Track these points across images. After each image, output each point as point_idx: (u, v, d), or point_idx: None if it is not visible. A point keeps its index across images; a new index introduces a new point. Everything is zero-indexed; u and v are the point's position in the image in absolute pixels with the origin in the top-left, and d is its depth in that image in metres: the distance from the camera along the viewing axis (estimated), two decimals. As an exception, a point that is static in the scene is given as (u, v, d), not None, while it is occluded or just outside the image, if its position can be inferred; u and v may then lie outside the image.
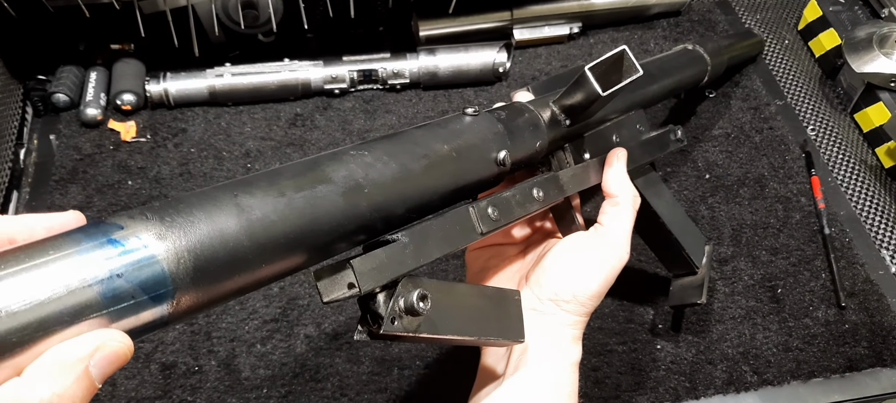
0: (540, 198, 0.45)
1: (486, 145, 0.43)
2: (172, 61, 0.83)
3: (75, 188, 0.75)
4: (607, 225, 0.47)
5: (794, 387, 0.63)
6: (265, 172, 0.34)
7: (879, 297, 0.69)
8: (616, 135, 0.56)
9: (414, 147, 0.39)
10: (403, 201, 0.38)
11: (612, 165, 0.50)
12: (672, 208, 0.60)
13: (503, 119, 0.45)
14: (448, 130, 0.42)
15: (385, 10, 0.90)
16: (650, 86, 0.61)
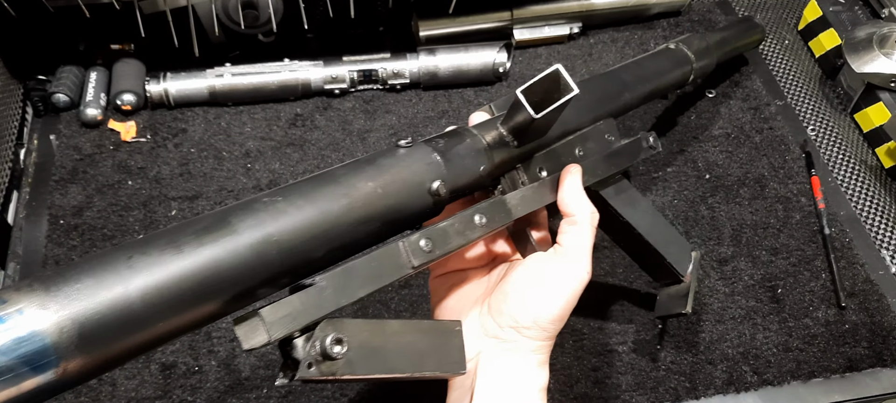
0: (482, 224, 0.44)
1: (419, 177, 0.42)
2: (172, 61, 0.83)
3: (75, 188, 0.75)
4: (566, 245, 0.46)
5: (795, 387, 0.63)
6: (170, 228, 0.35)
7: (879, 297, 0.69)
8: (580, 148, 0.54)
9: (334, 187, 0.39)
10: (323, 243, 0.37)
11: (565, 183, 0.48)
12: (648, 217, 0.59)
13: (440, 147, 0.44)
14: (375, 166, 0.41)
15: (385, 11, 0.91)
16: (622, 95, 0.59)
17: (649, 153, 0.59)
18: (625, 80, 0.60)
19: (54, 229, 0.72)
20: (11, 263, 0.70)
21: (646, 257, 0.62)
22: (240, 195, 0.76)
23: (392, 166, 0.42)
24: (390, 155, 0.43)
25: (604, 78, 0.59)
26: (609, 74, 0.60)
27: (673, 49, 0.71)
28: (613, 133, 0.57)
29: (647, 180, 0.78)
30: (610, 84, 0.59)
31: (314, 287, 0.37)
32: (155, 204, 0.74)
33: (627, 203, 0.57)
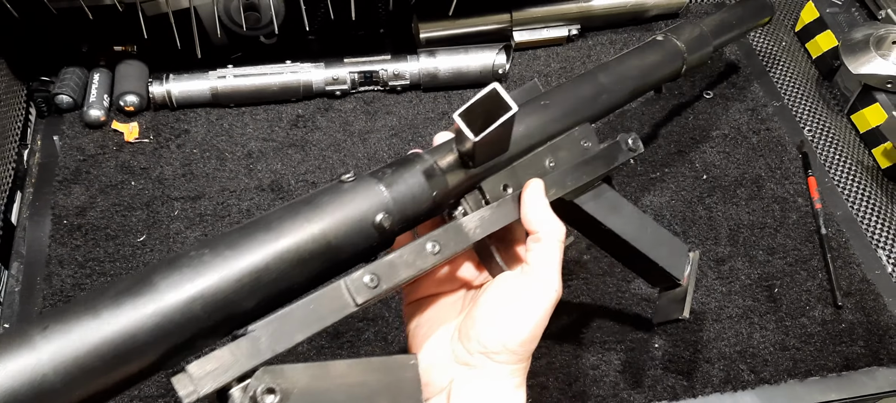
0: (435, 252, 0.42)
1: (362, 211, 0.41)
2: (175, 63, 0.83)
3: (78, 188, 0.76)
4: (532, 263, 0.44)
5: (791, 386, 0.64)
6: (93, 291, 0.35)
7: (876, 297, 0.70)
8: (551, 158, 0.52)
9: (264, 234, 0.38)
10: (253, 293, 0.37)
11: (525, 199, 0.47)
12: (634, 222, 0.56)
13: (386, 177, 0.43)
14: (312, 205, 0.40)
15: (386, 12, 0.91)
16: (599, 98, 0.57)
17: (629, 156, 0.56)
18: (602, 82, 0.58)
19: (58, 229, 0.72)
20: (15, 263, 0.71)
21: (638, 263, 0.59)
22: (242, 195, 0.76)
23: (331, 203, 0.41)
24: (331, 192, 0.42)
25: (578, 82, 0.57)
26: (585, 77, 0.58)
27: (661, 41, 0.67)
28: (590, 138, 0.55)
29: (645, 180, 0.79)
30: (585, 87, 0.56)
31: (248, 336, 0.36)
32: (158, 204, 0.75)
33: (609, 210, 0.55)
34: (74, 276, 0.69)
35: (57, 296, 0.67)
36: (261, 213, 0.47)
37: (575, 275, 0.70)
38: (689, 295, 0.58)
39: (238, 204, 0.75)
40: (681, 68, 0.68)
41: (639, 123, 0.84)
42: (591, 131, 0.55)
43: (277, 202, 0.76)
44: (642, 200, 0.77)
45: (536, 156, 0.51)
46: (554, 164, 0.52)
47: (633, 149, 0.56)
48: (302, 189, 0.77)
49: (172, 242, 0.72)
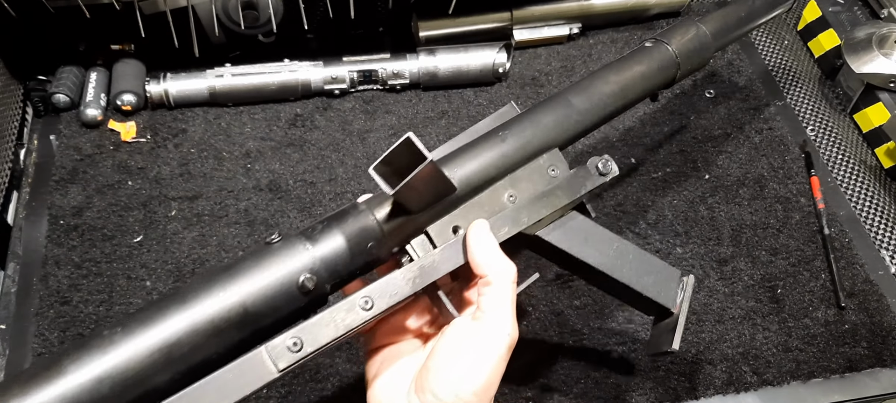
0: (368, 307, 0.41)
1: (285, 274, 0.41)
2: (172, 62, 0.83)
3: (75, 188, 0.75)
4: (483, 308, 0.43)
5: (794, 387, 0.64)
6: (5, 380, 0.35)
7: (879, 297, 0.69)
8: (511, 192, 0.49)
9: (177, 306, 0.38)
10: (166, 368, 0.37)
11: (469, 243, 0.44)
12: (612, 250, 0.52)
13: (315, 234, 0.42)
14: (231, 273, 0.40)
15: (385, 11, 0.91)
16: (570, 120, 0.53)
17: (600, 181, 0.51)
18: (573, 104, 0.54)
19: (54, 229, 0.72)
20: (11, 263, 0.71)
21: (623, 294, 0.55)
22: (240, 195, 0.76)
23: (251, 269, 0.40)
24: (252, 256, 0.41)
25: (547, 105, 0.54)
26: (555, 99, 0.54)
27: (650, 47, 0.61)
28: (558, 165, 0.51)
29: (646, 180, 0.78)
30: (554, 111, 0.53)
31: None
32: (155, 204, 0.74)
33: (580, 240, 0.51)
34: (71, 277, 0.68)
35: (53, 297, 0.67)
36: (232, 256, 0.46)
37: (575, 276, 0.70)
38: (679, 326, 0.53)
39: (236, 204, 0.75)
40: (674, 76, 0.62)
41: (639, 123, 0.84)
42: (560, 158, 0.52)
43: (276, 202, 0.75)
44: (644, 200, 0.76)
45: (494, 192, 0.49)
46: (514, 198, 0.49)
47: (604, 173, 0.52)
48: (300, 189, 0.77)
49: (169, 242, 0.71)
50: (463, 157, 0.48)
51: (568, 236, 0.51)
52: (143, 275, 0.69)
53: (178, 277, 0.69)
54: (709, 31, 0.64)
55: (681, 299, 0.54)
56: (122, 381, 0.36)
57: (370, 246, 0.44)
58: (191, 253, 0.71)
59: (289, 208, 0.75)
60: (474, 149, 0.49)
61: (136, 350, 0.36)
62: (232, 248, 0.71)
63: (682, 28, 0.63)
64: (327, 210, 0.75)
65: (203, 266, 0.70)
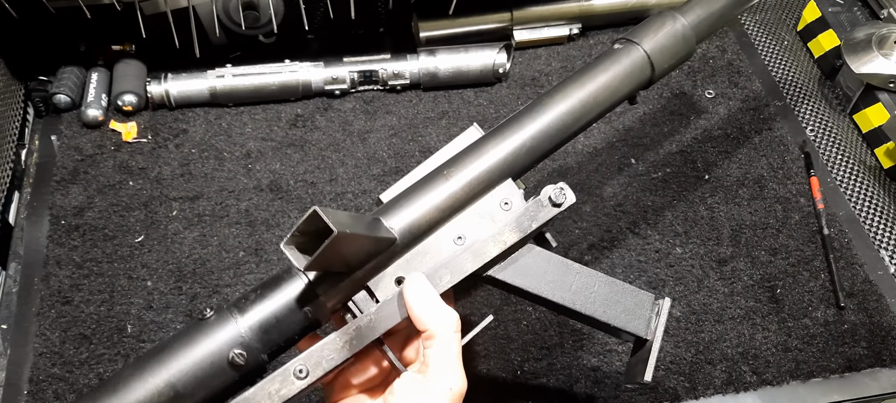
0: (303, 375, 0.41)
1: (213, 352, 0.41)
2: (173, 62, 0.83)
3: (76, 188, 0.75)
4: (428, 363, 0.42)
5: (794, 387, 0.64)
6: None
7: (878, 297, 0.69)
8: (459, 234, 0.47)
9: (108, 398, 0.39)
10: None
11: (407, 299, 0.43)
12: (578, 282, 0.49)
13: (248, 305, 0.42)
14: (160, 357, 0.41)
15: (385, 12, 0.91)
16: (523, 147, 0.49)
17: (552, 213, 0.47)
18: (527, 128, 0.50)
19: (55, 229, 0.72)
20: (13, 263, 0.71)
21: (591, 324, 0.51)
22: (241, 195, 0.76)
23: (180, 350, 0.41)
24: (182, 337, 0.42)
25: (497, 134, 0.50)
26: (507, 125, 0.50)
27: (619, 50, 0.55)
28: (512, 197, 0.48)
29: (646, 181, 0.78)
30: (505, 139, 0.49)
31: None
32: (156, 204, 0.75)
33: (536, 275, 0.49)
34: (72, 277, 0.69)
35: (54, 297, 0.67)
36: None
37: None
38: (652, 356, 0.49)
39: (237, 204, 0.75)
40: (650, 76, 0.55)
41: (639, 123, 0.84)
42: (514, 189, 0.49)
43: (277, 202, 0.75)
44: (644, 200, 0.76)
45: (439, 237, 0.47)
46: (463, 239, 0.47)
47: (556, 203, 0.48)
48: (301, 189, 0.77)
49: (170, 242, 0.71)
50: (405, 203, 0.46)
51: (523, 272, 0.48)
52: (144, 275, 0.69)
53: (179, 277, 0.69)
54: (688, 21, 0.57)
55: (655, 325, 0.50)
56: None
57: (306, 310, 0.43)
58: (192, 253, 0.71)
59: (289, 208, 0.75)
60: (418, 192, 0.47)
61: None
62: (232, 248, 0.71)
63: (654, 23, 0.56)
64: (328, 210, 0.75)
65: (204, 266, 0.70)
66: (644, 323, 0.50)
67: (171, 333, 0.65)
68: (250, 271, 0.70)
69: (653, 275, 0.70)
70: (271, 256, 0.71)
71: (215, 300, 0.67)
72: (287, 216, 0.74)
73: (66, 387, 0.62)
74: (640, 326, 0.50)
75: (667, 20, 0.56)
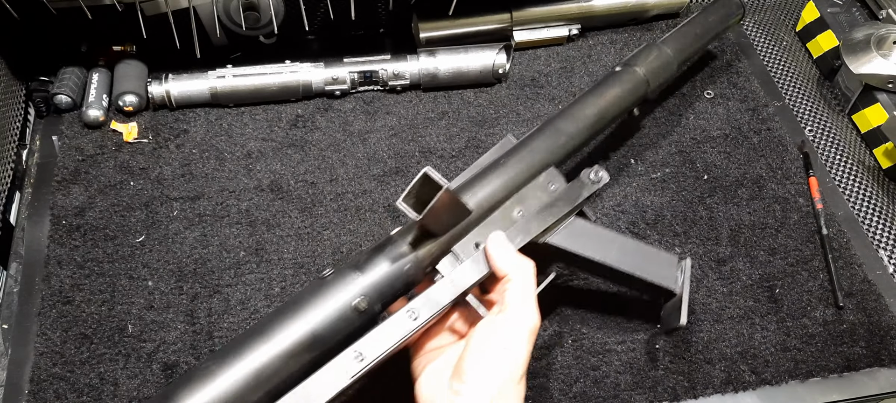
0: (414, 318, 0.49)
1: (341, 300, 0.49)
2: (174, 63, 0.83)
3: (77, 189, 0.76)
4: (507, 302, 0.50)
5: (793, 387, 0.64)
6: None
7: (877, 297, 0.69)
8: (519, 208, 0.58)
9: (260, 339, 0.47)
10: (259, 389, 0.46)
11: (490, 252, 0.52)
12: (615, 245, 0.61)
13: (361, 263, 0.51)
14: (297, 307, 0.48)
15: (385, 12, 0.91)
16: (559, 142, 0.62)
17: (594, 188, 0.60)
18: (561, 128, 0.64)
19: (56, 229, 0.72)
20: (14, 263, 0.71)
21: (627, 283, 0.63)
22: (241, 195, 0.76)
23: (313, 301, 0.49)
24: (312, 290, 0.50)
25: (540, 133, 0.63)
26: (546, 127, 0.64)
27: (620, 72, 0.71)
28: (556, 181, 0.60)
29: (645, 181, 0.79)
30: (546, 137, 0.62)
31: None
32: (157, 204, 0.75)
33: (586, 241, 0.60)
34: (73, 277, 0.69)
35: (55, 297, 0.67)
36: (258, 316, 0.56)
37: (575, 276, 0.70)
38: (684, 303, 0.60)
39: (237, 204, 0.75)
40: (645, 92, 0.72)
41: (640, 123, 0.84)
42: (556, 174, 0.61)
43: (277, 202, 0.76)
44: (643, 200, 0.77)
45: (504, 210, 0.57)
46: (522, 213, 0.58)
47: (595, 181, 0.61)
48: (301, 189, 0.77)
49: (171, 242, 0.72)
50: (475, 185, 0.57)
51: (574, 238, 0.60)
52: (145, 275, 0.69)
53: (179, 277, 0.69)
54: (670, 50, 0.75)
55: (682, 280, 0.62)
56: None
57: (407, 269, 0.52)
58: (192, 252, 0.71)
59: (290, 208, 0.75)
60: (483, 177, 0.58)
61: (234, 379, 0.45)
62: (233, 248, 0.72)
63: (646, 52, 0.74)
64: (328, 210, 0.75)
65: (205, 266, 0.70)
66: (673, 279, 0.62)
67: (171, 333, 0.65)
68: (251, 271, 0.70)
69: (652, 275, 0.70)
70: (272, 256, 0.71)
71: (216, 300, 0.68)
72: (287, 216, 0.74)
73: (67, 387, 0.62)
74: (670, 280, 0.62)
75: (654, 49, 0.74)
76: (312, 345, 0.48)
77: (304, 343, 0.47)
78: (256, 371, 0.46)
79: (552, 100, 0.87)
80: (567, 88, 0.88)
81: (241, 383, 0.45)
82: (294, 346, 0.47)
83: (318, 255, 0.71)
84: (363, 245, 0.72)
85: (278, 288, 0.69)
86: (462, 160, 0.80)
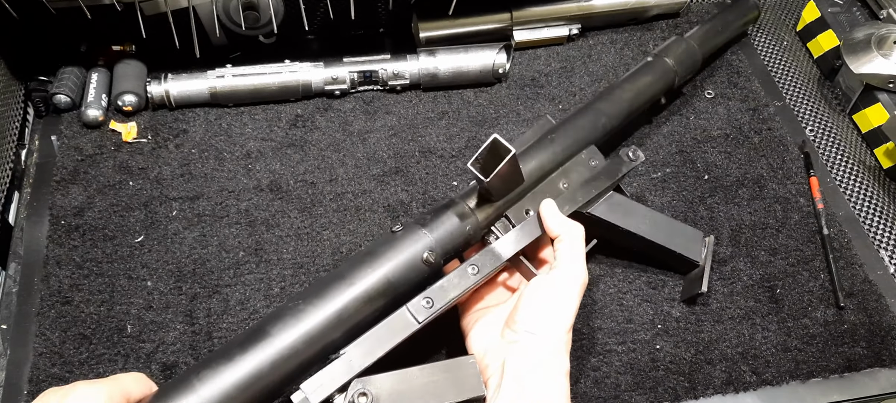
0: (475, 273, 0.55)
1: (412, 252, 0.54)
2: (174, 62, 0.83)
3: (76, 189, 0.75)
4: (558, 258, 0.55)
5: (793, 387, 0.64)
6: (223, 346, 0.49)
7: (878, 297, 0.69)
8: (564, 181, 0.63)
9: (341, 283, 0.52)
10: (339, 327, 0.50)
11: (543, 216, 0.58)
12: (648, 220, 0.66)
13: (428, 221, 0.56)
14: (372, 255, 0.54)
15: (385, 12, 0.91)
16: (599, 122, 0.68)
17: (632, 165, 0.66)
18: (601, 109, 0.70)
19: (55, 229, 0.72)
20: (13, 263, 0.71)
21: (659, 254, 0.68)
22: (241, 195, 0.76)
23: (387, 251, 0.54)
24: (386, 242, 0.55)
25: (582, 112, 0.69)
26: (587, 108, 0.70)
27: (652, 61, 0.77)
28: (596, 158, 0.66)
29: (646, 180, 0.78)
30: (588, 117, 0.68)
31: (342, 357, 0.50)
32: (156, 204, 0.75)
33: (623, 213, 0.65)
34: (72, 277, 0.69)
35: (54, 297, 0.67)
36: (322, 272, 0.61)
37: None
38: (706, 273, 0.66)
39: (237, 204, 0.75)
40: (673, 82, 0.78)
41: (646, 126, 0.84)
42: (597, 151, 0.66)
43: (277, 202, 0.75)
44: (644, 200, 0.76)
45: (551, 182, 0.63)
46: (567, 185, 0.63)
47: (633, 159, 0.66)
48: (301, 189, 0.77)
49: (170, 242, 0.72)
50: (525, 157, 0.62)
51: (613, 210, 0.65)
52: (144, 275, 0.69)
53: (178, 277, 0.69)
54: (695, 43, 0.82)
55: (704, 253, 0.68)
56: (312, 338, 0.49)
57: (468, 229, 0.57)
58: (191, 252, 0.71)
59: (289, 208, 0.75)
60: (532, 151, 0.63)
61: (320, 317, 0.50)
62: (232, 248, 0.71)
63: (674, 44, 0.80)
64: (328, 210, 0.75)
65: (204, 266, 0.70)
66: (697, 252, 0.68)
67: (170, 333, 0.65)
68: (250, 271, 0.70)
69: (652, 275, 0.70)
70: (271, 256, 0.71)
71: (215, 300, 0.67)
72: (287, 216, 0.74)
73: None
74: (695, 253, 0.68)
75: (682, 42, 0.81)
76: (386, 291, 0.53)
77: (379, 289, 0.52)
78: (338, 311, 0.50)
79: (552, 100, 0.86)
80: (567, 88, 0.88)
81: (325, 321, 0.50)
82: (372, 291, 0.52)
83: (317, 255, 0.71)
84: (363, 245, 0.72)
85: (278, 288, 0.69)
86: (462, 160, 0.80)
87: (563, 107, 0.86)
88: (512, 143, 0.52)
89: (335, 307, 0.50)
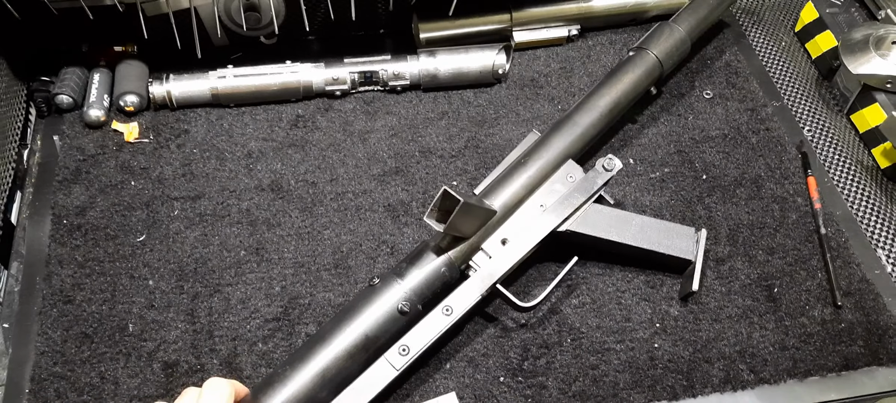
0: (448, 313, 0.58)
1: (387, 304, 0.57)
2: (175, 63, 0.84)
3: (78, 188, 0.76)
4: None
5: (791, 386, 0.64)
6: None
7: (875, 297, 0.70)
8: (541, 201, 0.64)
9: (322, 345, 0.55)
10: (323, 387, 0.54)
11: None
12: (634, 225, 0.66)
13: (402, 270, 0.59)
14: (352, 314, 0.57)
15: (386, 13, 0.91)
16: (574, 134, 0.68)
17: (607, 176, 0.65)
18: (578, 121, 0.69)
19: (57, 229, 0.73)
20: (15, 263, 0.71)
21: (650, 260, 0.67)
22: (242, 195, 0.76)
23: (365, 307, 0.57)
24: (364, 297, 0.58)
25: (558, 128, 0.68)
26: (564, 122, 0.69)
27: (633, 56, 0.75)
28: (574, 171, 0.66)
29: (644, 180, 0.79)
30: (565, 132, 0.68)
31: None
32: (157, 204, 0.75)
33: (606, 224, 0.65)
34: (74, 276, 0.69)
35: (56, 296, 0.67)
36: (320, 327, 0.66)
37: (574, 276, 0.71)
38: (697, 271, 0.66)
39: (238, 204, 0.76)
40: (660, 75, 0.76)
41: (639, 124, 0.84)
42: (574, 166, 0.67)
43: (278, 202, 0.76)
44: (642, 200, 0.77)
45: (528, 206, 0.63)
46: (544, 206, 0.64)
47: (609, 169, 0.66)
48: (302, 189, 0.77)
49: (172, 242, 0.72)
50: (499, 187, 0.64)
51: (595, 224, 0.65)
52: (145, 275, 0.69)
53: (180, 276, 0.69)
54: (683, 28, 0.79)
55: (696, 251, 0.67)
56: (298, 402, 0.53)
57: (443, 271, 0.59)
58: (193, 252, 0.71)
59: (290, 208, 0.75)
60: (506, 179, 0.64)
61: (305, 380, 0.54)
62: (234, 248, 0.72)
63: (657, 32, 0.77)
64: (328, 209, 0.75)
65: (205, 265, 0.70)
66: (690, 250, 0.67)
67: (172, 332, 0.66)
68: (251, 270, 0.70)
69: (650, 274, 0.71)
70: (272, 255, 0.71)
71: (217, 299, 0.68)
72: (288, 216, 0.75)
73: (68, 386, 0.62)
74: (687, 252, 0.66)
75: (666, 28, 0.78)
76: (366, 346, 0.56)
77: (358, 344, 0.56)
78: (322, 371, 0.54)
79: (552, 101, 0.87)
80: (567, 88, 0.88)
81: (310, 382, 0.53)
82: (351, 348, 0.55)
83: (318, 255, 0.72)
84: (363, 244, 0.73)
85: (278, 287, 0.69)
86: (462, 160, 0.80)
87: (563, 107, 0.86)
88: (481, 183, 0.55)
89: (318, 369, 0.54)
